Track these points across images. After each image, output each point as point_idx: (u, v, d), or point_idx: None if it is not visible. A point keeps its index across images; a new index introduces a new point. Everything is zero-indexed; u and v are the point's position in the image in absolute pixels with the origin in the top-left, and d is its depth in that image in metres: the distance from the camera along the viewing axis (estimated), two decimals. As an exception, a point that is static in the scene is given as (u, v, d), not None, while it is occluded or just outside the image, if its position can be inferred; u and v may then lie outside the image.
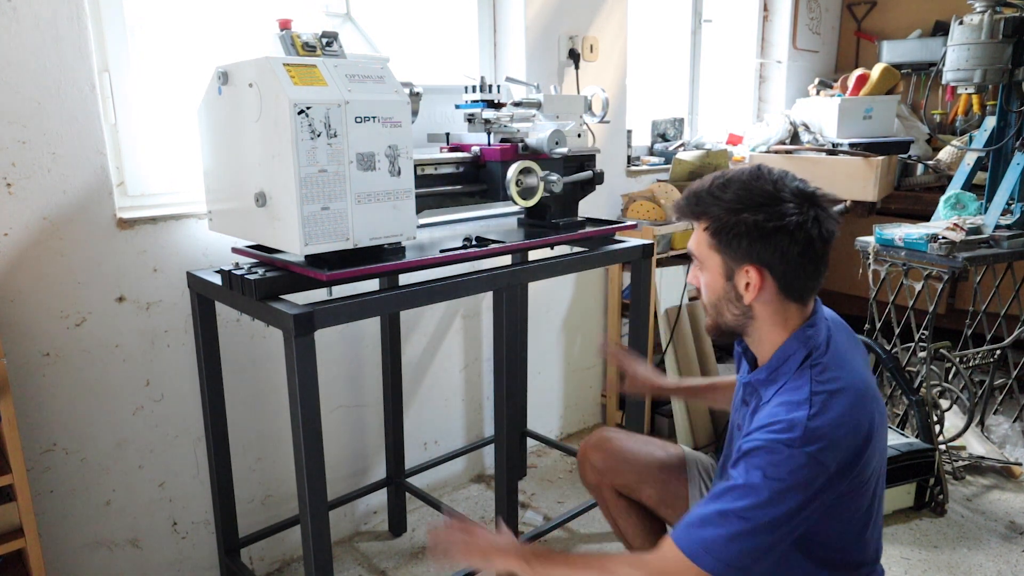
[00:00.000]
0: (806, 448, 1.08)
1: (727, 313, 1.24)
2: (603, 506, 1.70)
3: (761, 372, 1.25)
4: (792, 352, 1.20)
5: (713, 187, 1.19)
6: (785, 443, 1.08)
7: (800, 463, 1.08)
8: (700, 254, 1.23)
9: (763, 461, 1.09)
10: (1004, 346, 2.75)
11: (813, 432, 1.09)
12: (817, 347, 1.19)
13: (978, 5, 2.53)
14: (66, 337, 1.71)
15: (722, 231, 1.17)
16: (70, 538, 1.79)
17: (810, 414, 1.10)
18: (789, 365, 1.19)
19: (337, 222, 1.40)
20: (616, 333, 2.99)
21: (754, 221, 1.14)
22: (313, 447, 1.43)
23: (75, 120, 1.64)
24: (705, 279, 1.24)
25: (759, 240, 1.14)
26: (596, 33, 2.74)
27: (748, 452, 1.12)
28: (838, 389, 1.14)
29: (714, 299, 1.24)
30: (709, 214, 1.19)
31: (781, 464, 1.08)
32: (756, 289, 1.17)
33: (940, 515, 2.37)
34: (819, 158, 3.17)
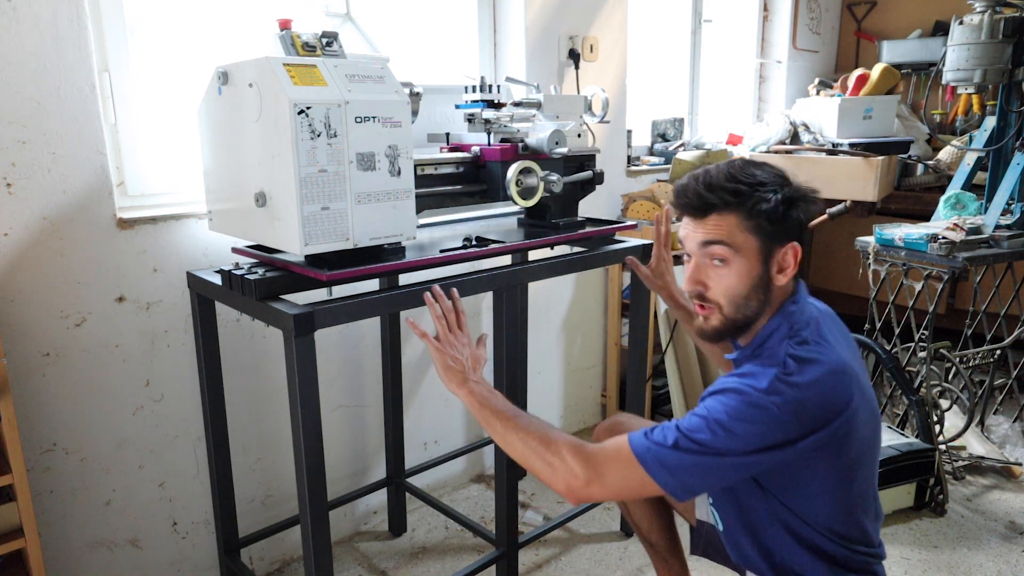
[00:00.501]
0: (771, 397, 1.09)
1: (754, 301, 1.19)
2: None
3: (745, 350, 1.24)
4: (776, 327, 1.20)
5: (734, 175, 1.17)
6: (752, 388, 1.10)
7: (762, 408, 1.09)
8: (735, 242, 1.17)
9: (728, 398, 1.11)
10: (1004, 346, 2.75)
11: (778, 387, 1.10)
12: (799, 323, 1.19)
13: (978, 5, 2.53)
14: (66, 337, 1.71)
15: (765, 212, 1.15)
16: (70, 538, 1.79)
17: (780, 373, 1.11)
18: (773, 340, 1.19)
19: (337, 222, 1.40)
20: (616, 333, 2.99)
21: (787, 195, 1.16)
22: (313, 447, 1.43)
23: (75, 120, 1.64)
24: (736, 270, 1.18)
25: (791, 215, 1.16)
26: (596, 33, 2.74)
27: (717, 391, 1.14)
28: (814, 359, 1.14)
29: (745, 290, 1.19)
30: (745, 198, 1.16)
31: (744, 405, 1.10)
32: (795, 265, 1.18)
33: (940, 515, 2.37)
34: (819, 158, 3.17)
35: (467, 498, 2.57)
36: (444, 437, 2.58)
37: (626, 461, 1.14)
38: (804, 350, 1.15)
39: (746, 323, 1.22)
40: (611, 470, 1.15)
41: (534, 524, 2.37)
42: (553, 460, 1.17)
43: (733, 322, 1.22)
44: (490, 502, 2.52)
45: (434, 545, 2.30)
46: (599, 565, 2.18)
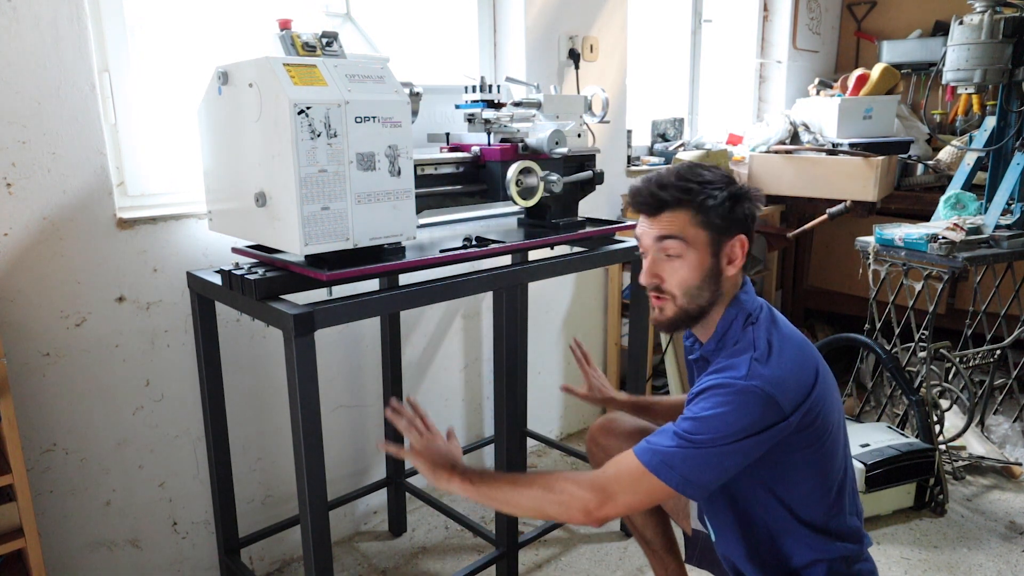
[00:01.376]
0: (752, 382, 1.16)
1: (705, 292, 1.27)
2: None
3: (710, 343, 1.31)
4: (733, 317, 1.28)
5: (683, 175, 1.26)
6: (733, 378, 1.17)
7: (748, 393, 1.16)
8: (687, 235, 1.25)
9: (714, 394, 1.17)
10: (1004, 346, 2.75)
11: (757, 369, 1.18)
12: (754, 309, 1.29)
13: (978, 5, 2.53)
14: (66, 337, 1.71)
15: (712, 207, 1.23)
16: (70, 538, 1.79)
17: (753, 356, 1.20)
18: (733, 329, 1.27)
19: (337, 222, 1.40)
20: (616, 333, 2.99)
21: (730, 194, 1.24)
22: (313, 447, 1.43)
23: (75, 120, 1.64)
24: (689, 263, 1.26)
25: (737, 210, 1.25)
26: (596, 33, 2.74)
27: (701, 392, 1.20)
28: (780, 336, 1.25)
29: (697, 281, 1.27)
30: (694, 196, 1.24)
31: (730, 396, 1.16)
32: (741, 258, 1.27)
33: (940, 515, 2.37)
34: (819, 158, 3.17)
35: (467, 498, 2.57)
36: (444, 437, 2.58)
37: (633, 471, 1.19)
38: (766, 330, 1.25)
39: (699, 313, 1.29)
40: (620, 485, 1.20)
41: (534, 524, 2.37)
42: (562, 497, 1.21)
43: (686, 312, 1.29)
44: (490, 502, 2.52)
45: (434, 545, 2.30)
46: (599, 565, 2.18)
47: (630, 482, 1.19)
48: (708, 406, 1.17)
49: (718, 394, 1.17)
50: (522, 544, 1.97)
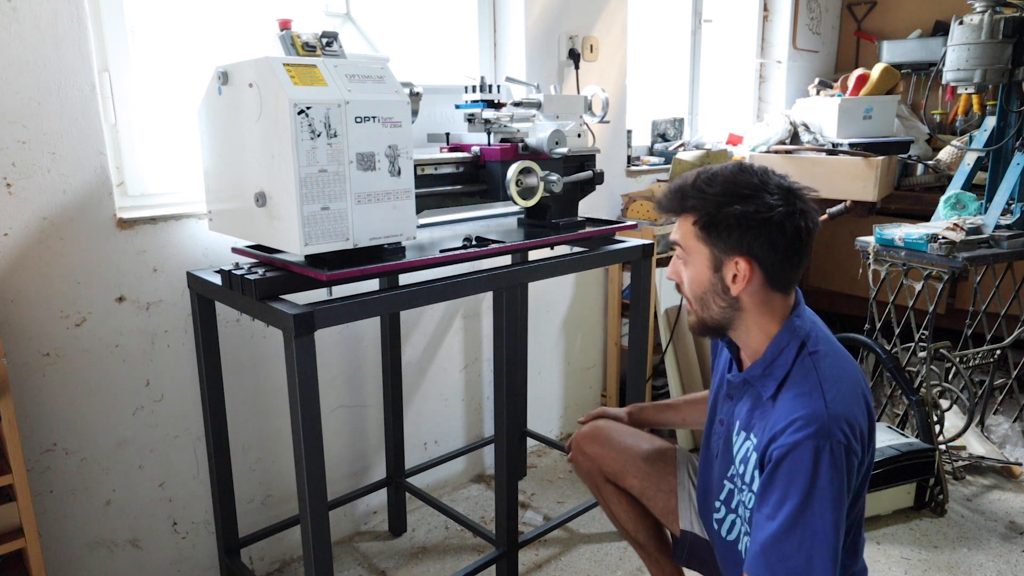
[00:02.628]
0: (836, 438, 1.10)
1: (713, 306, 1.25)
2: (596, 493, 1.72)
3: (756, 368, 1.25)
4: (785, 344, 1.22)
5: (699, 181, 1.21)
6: (814, 437, 1.10)
7: (836, 454, 1.10)
8: (687, 246, 1.24)
9: (801, 464, 1.10)
10: (1004, 346, 2.75)
11: (835, 419, 1.11)
12: (809, 336, 1.22)
13: (978, 5, 2.53)
14: (66, 337, 1.71)
15: (712, 223, 1.19)
16: (70, 538, 1.79)
17: (827, 402, 1.12)
18: (785, 357, 1.21)
19: (337, 222, 1.40)
20: (616, 333, 2.99)
21: (743, 212, 1.16)
22: (313, 447, 1.43)
23: (75, 120, 1.64)
24: (690, 273, 1.25)
25: (748, 231, 1.16)
26: (596, 33, 2.74)
27: (782, 459, 1.12)
28: (841, 371, 1.18)
29: (700, 292, 1.25)
30: (697, 207, 1.20)
31: (819, 462, 1.09)
32: (744, 280, 1.19)
33: (940, 515, 2.37)
34: (819, 158, 3.17)
35: (467, 498, 2.57)
36: (444, 437, 2.58)
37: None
38: (828, 364, 1.18)
39: (717, 325, 1.27)
40: None
41: (534, 524, 2.37)
42: None
43: (703, 321, 1.27)
44: (490, 502, 2.52)
45: (434, 545, 2.30)
46: (599, 565, 2.18)
47: None
48: (803, 484, 1.09)
49: (810, 464, 1.09)
50: (522, 544, 1.97)
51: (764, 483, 1.15)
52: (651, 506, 1.62)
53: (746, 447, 1.26)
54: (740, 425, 1.29)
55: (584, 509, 2.20)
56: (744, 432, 1.28)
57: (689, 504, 1.58)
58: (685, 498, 1.58)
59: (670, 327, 2.84)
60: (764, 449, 1.17)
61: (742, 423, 1.29)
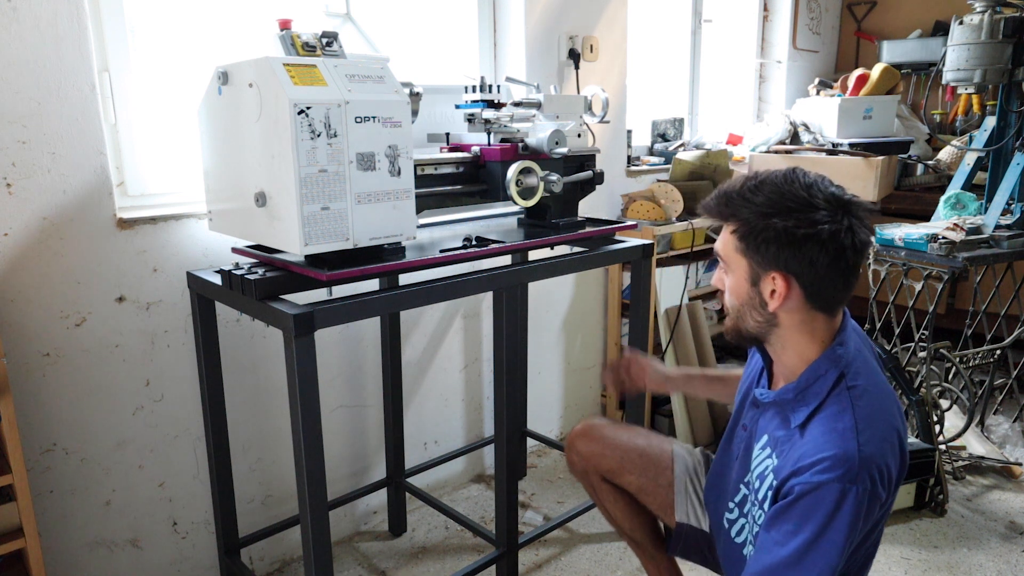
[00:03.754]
0: (863, 484, 1.06)
1: (749, 319, 1.20)
2: (591, 492, 1.71)
3: (788, 391, 1.20)
4: (823, 372, 1.16)
5: (744, 188, 1.15)
6: (840, 480, 1.06)
7: (859, 500, 1.06)
8: (727, 256, 1.19)
9: (822, 504, 1.07)
10: (1004, 346, 2.75)
11: (866, 464, 1.07)
12: (849, 366, 1.15)
13: (978, 5, 2.53)
14: (66, 337, 1.71)
15: (750, 235, 1.13)
16: (70, 538, 1.79)
17: (860, 444, 1.07)
18: (820, 386, 1.15)
19: (337, 222, 1.40)
20: (616, 333, 2.99)
21: (784, 227, 1.09)
22: (313, 447, 1.43)
23: (75, 120, 1.64)
24: (730, 282, 1.21)
25: (788, 247, 1.10)
26: (596, 33, 2.74)
27: (803, 495, 1.08)
28: (879, 409, 1.12)
29: (738, 304, 1.21)
30: (738, 216, 1.14)
31: (841, 505, 1.06)
32: (781, 297, 1.13)
33: (940, 515, 2.37)
34: (819, 158, 3.17)
35: (467, 498, 2.57)
36: (444, 437, 2.58)
37: None
38: (866, 402, 1.12)
39: (752, 337, 1.22)
40: None
41: (534, 524, 2.37)
42: None
43: (737, 330, 1.23)
44: (490, 502, 2.52)
45: (434, 545, 2.30)
46: (599, 565, 2.18)
47: None
48: (819, 522, 1.06)
49: (830, 506, 1.06)
50: (522, 544, 1.97)
51: (779, 510, 1.11)
52: (649, 502, 1.62)
53: (766, 464, 1.23)
54: (765, 440, 1.25)
55: (584, 509, 2.20)
56: (767, 449, 1.24)
57: (686, 496, 1.58)
58: (682, 491, 1.58)
59: (670, 327, 2.84)
60: (785, 479, 1.12)
61: (768, 438, 1.25)
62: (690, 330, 2.92)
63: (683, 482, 1.59)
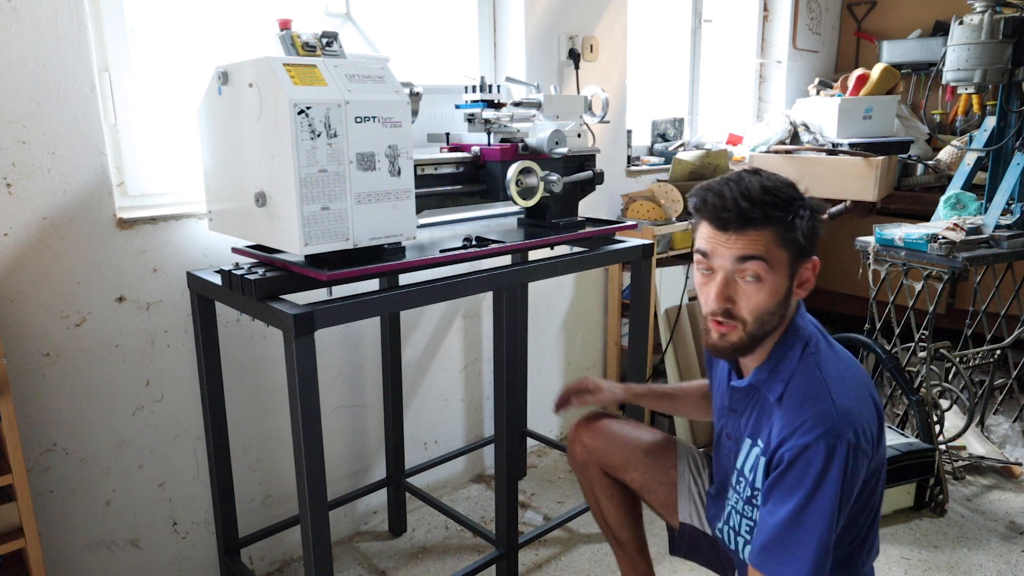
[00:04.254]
0: (846, 438, 1.11)
1: (776, 317, 1.19)
2: (587, 485, 1.69)
3: (762, 371, 1.24)
4: (790, 346, 1.22)
5: (769, 189, 1.15)
6: (824, 437, 1.11)
7: (846, 455, 1.11)
8: (771, 256, 1.15)
9: (811, 465, 1.11)
10: (1004, 346, 2.75)
11: (845, 418, 1.12)
12: (810, 337, 1.23)
13: (978, 5, 2.53)
14: (66, 337, 1.71)
15: (795, 228, 1.15)
16: (70, 538, 1.79)
17: (834, 401, 1.13)
18: (791, 359, 1.21)
19: (337, 222, 1.40)
20: (616, 333, 2.99)
21: (809, 215, 1.17)
22: (313, 447, 1.43)
23: (75, 120, 1.64)
24: (768, 285, 1.16)
25: (814, 231, 1.18)
26: (596, 33, 2.74)
27: (793, 461, 1.13)
28: (845, 370, 1.19)
29: (771, 307, 1.18)
30: (781, 214, 1.14)
31: (830, 462, 1.11)
32: (813, 281, 1.20)
33: (940, 515, 2.37)
34: (819, 158, 3.17)
35: (467, 498, 2.57)
36: (444, 437, 2.58)
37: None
38: (833, 364, 1.19)
39: (763, 338, 1.22)
40: None
41: (534, 524, 2.37)
42: None
43: (753, 338, 1.20)
44: (490, 502, 2.52)
45: (434, 545, 2.30)
46: (599, 565, 2.18)
47: None
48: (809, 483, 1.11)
49: (818, 465, 1.10)
50: (522, 544, 1.97)
51: (772, 481, 1.16)
52: (651, 499, 1.62)
53: (754, 454, 1.26)
54: (746, 435, 1.29)
55: (584, 509, 2.20)
56: (750, 440, 1.28)
57: (689, 497, 1.58)
58: (685, 490, 1.58)
59: (670, 327, 2.84)
60: (773, 452, 1.17)
61: (748, 433, 1.29)
62: (690, 330, 2.92)
63: (687, 482, 1.59)
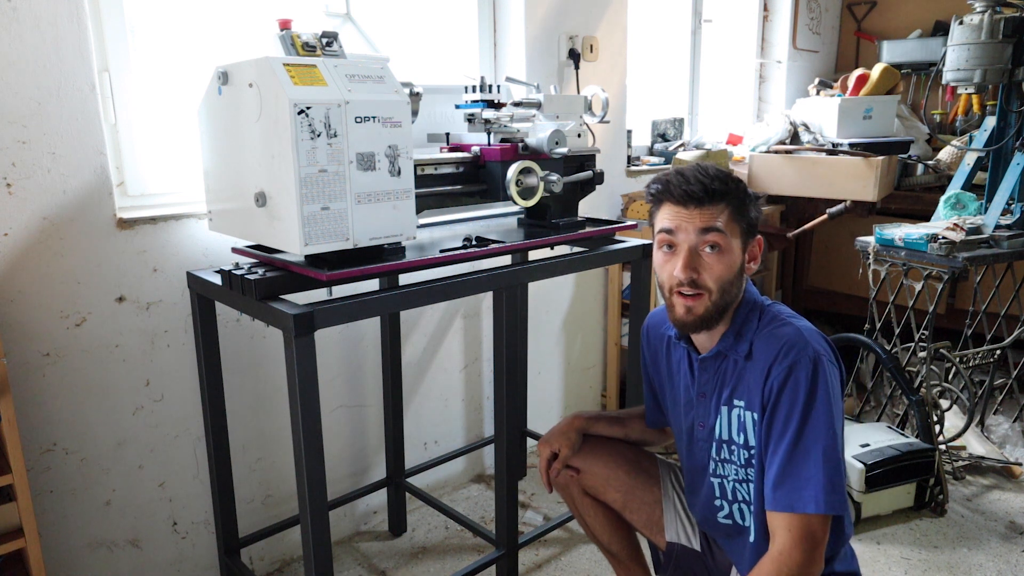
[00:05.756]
0: (821, 351, 1.23)
1: (735, 288, 1.31)
2: (570, 503, 1.68)
3: (727, 338, 1.33)
4: (749, 310, 1.34)
5: (720, 173, 1.29)
6: (801, 354, 1.22)
7: (825, 365, 1.21)
8: (728, 228, 1.27)
9: (799, 383, 1.21)
10: (1004, 346, 2.75)
11: (812, 337, 1.25)
12: (764, 300, 1.36)
13: (978, 5, 2.53)
14: (66, 337, 1.71)
15: (744, 208, 1.28)
16: (70, 538, 1.79)
17: (797, 327, 1.27)
18: (751, 319, 1.33)
19: (337, 222, 1.40)
20: (616, 333, 2.99)
21: (753, 197, 1.31)
22: (313, 447, 1.43)
23: (75, 120, 1.64)
24: (727, 255, 1.28)
25: (758, 213, 1.32)
26: (596, 33, 2.74)
27: (783, 386, 1.22)
28: (797, 314, 1.34)
29: (731, 276, 1.29)
30: (733, 194, 1.28)
31: (816, 375, 1.20)
32: (759, 258, 1.33)
33: (940, 515, 2.37)
34: (819, 158, 3.17)
35: (467, 498, 2.57)
36: (444, 437, 2.58)
37: (815, 524, 1.20)
38: (788, 313, 1.33)
39: (726, 308, 1.32)
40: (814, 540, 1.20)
41: (534, 524, 2.37)
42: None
43: (718, 307, 1.31)
44: (490, 502, 2.52)
45: (434, 545, 2.30)
46: (599, 565, 2.18)
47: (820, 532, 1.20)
48: (801, 400, 1.20)
49: (805, 383, 1.20)
50: (522, 544, 1.97)
51: (768, 419, 1.24)
52: (634, 519, 1.60)
53: (735, 416, 1.33)
54: (723, 407, 1.35)
55: (584, 509, 2.20)
56: (727, 406, 1.34)
57: (675, 514, 1.57)
58: (671, 508, 1.58)
59: (670, 327, 2.84)
60: (760, 391, 1.25)
61: (723, 401, 1.35)
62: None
63: (672, 499, 1.58)
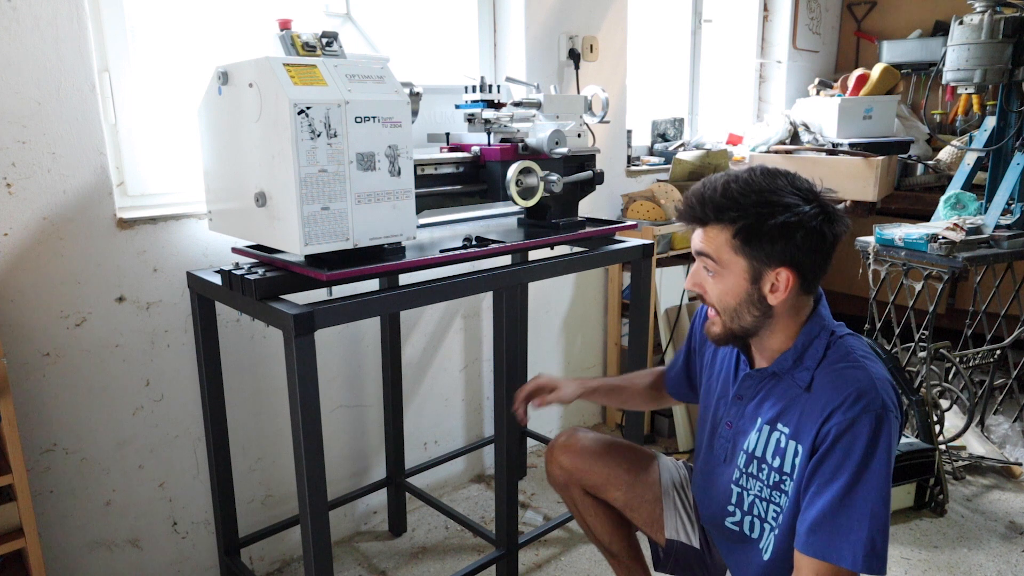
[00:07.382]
0: (888, 408, 1.15)
1: (747, 316, 1.22)
2: (571, 505, 1.68)
3: (786, 359, 1.24)
4: (815, 335, 1.23)
5: (732, 191, 1.17)
6: (870, 409, 1.13)
7: (891, 424, 1.15)
8: (721, 259, 1.19)
9: (859, 439, 1.13)
10: (1004, 346, 2.75)
11: (884, 388, 1.16)
12: (836, 326, 1.26)
13: (978, 5, 2.53)
14: (66, 337, 1.71)
15: (754, 234, 1.16)
16: (70, 538, 1.79)
17: (870, 373, 1.17)
18: (816, 346, 1.23)
19: (337, 222, 1.40)
20: (616, 333, 2.99)
21: (785, 222, 1.14)
22: (313, 447, 1.43)
23: (75, 120, 1.64)
24: (724, 284, 1.21)
25: (789, 241, 1.15)
26: (596, 33, 2.74)
27: (840, 435, 1.14)
28: (866, 347, 1.24)
29: (734, 304, 1.22)
30: (735, 219, 1.16)
31: (878, 433, 1.13)
32: (786, 290, 1.18)
33: (940, 515, 2.37)
34: (819, 158, 3.17)
35: (467, 498, 2.57)
36: (444, 437, 2.58)
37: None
38: (859, 346, 1.23)
39: (744, 334, 1.25)
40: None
41: (534, 524, 2.37)
42: None
43: (732, 333, 1.26)
44: (490, 502, 2.52)
45: (434, 545, 2.30)
46: (599, 565, 2.18)
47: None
48: (858, 456, 1.13)
49: (867, 437, 1.12)
50: (522, 544, 1.97)
51: (817, 461, 1.17)
52: (634, 517, 1.60)
53: (776, 438, 1.25)
54: (762, 421, 1.28)
55: (584, 509, 2.20)
56: (770, 426, 1.27)
57: (675, 511, 1.57)
58: (671, 506, 1.57)
59: (670, 327, 2.84)
60: (817, 430, 1.17)
61: (765, 419, 1.28)
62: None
63: (671, 497, 1.58)
